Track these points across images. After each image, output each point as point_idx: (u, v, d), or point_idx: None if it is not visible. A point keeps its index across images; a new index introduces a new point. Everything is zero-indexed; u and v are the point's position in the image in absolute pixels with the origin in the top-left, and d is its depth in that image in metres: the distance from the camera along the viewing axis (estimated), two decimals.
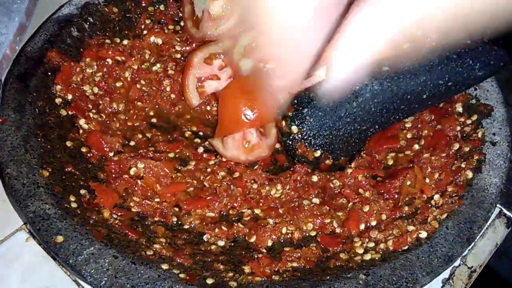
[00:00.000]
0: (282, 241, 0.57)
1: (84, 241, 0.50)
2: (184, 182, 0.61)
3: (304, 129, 0.59)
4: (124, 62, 0.69)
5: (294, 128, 0.59)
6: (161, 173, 0.59)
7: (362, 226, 0.57)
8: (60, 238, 0.50)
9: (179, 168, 0.63)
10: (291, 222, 0.58)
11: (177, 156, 0.64)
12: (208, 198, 0.59)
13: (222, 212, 0.60)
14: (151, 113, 0.69)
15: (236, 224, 0.58)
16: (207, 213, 0.59)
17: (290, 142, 0.61)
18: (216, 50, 0.69)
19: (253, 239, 0.57)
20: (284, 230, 0.57)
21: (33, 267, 0.56)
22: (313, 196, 0.61)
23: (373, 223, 0.57)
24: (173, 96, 0.70)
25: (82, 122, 0.62)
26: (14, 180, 0.53)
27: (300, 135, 0.59)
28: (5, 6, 0.51)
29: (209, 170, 0.62)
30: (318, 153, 0.60)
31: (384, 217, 0.58)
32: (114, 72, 0.68)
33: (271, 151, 0.65)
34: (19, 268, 0.56)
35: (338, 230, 0.58)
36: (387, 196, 0.60)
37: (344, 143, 0.60)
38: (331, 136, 0.59)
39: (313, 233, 0.58)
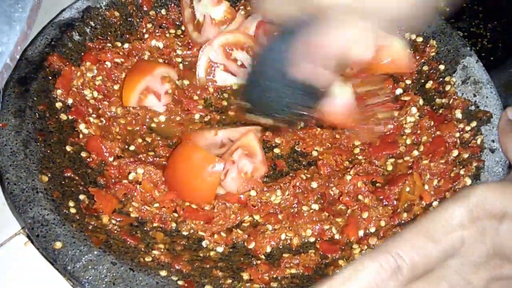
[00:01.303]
0: (281, 247, 0.56)
1: (82, 247, 0.49)
2: None
3: (252, 103, 0.59)
4: (123, 63, 0.68)
5: (245, 104, 0.59)
6: (160, 180, 0.58)
7: (361, 233, 0.56)
8: (58, 244, 0.49)
9: None
10: (290, 228, 0.57)
11: None
12: (206, 209, 0.58)
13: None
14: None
15: (235, 230, 0.57)
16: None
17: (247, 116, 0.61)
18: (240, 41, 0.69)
19: (252, 245, 0.55)
20: (283, 236, 0.56)
21: (31, 271, 0.55)
22: (312, 202, 0.59)
23: (372, 229, 0.56)
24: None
25: (82, 127, 0.61)
26: (14, 185, 0.52)
27: (251, 109, 0.59)
28: (6, 15, 0.50)
29: None
30: (270, 121, 0.59)
31: (383, 223, 0.57)
32: (112, 75, 0.66)
33: (266, 163, 0.63)
34: (17, 272, 0.55)
35: (337, 237, 0.56)
36: (386, 203, 0.58)
37: (284, 106, 0.57)
38: (272, 103, 0.57)
39: (312, 239, 0.57)
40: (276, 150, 0.65)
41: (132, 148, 0.63)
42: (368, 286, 0.41)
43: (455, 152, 0.60)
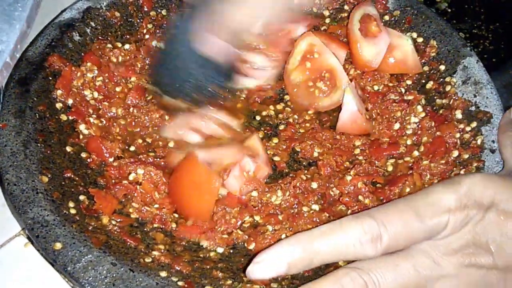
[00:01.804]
0: None
1: (82, 248, 0.49)
2: None
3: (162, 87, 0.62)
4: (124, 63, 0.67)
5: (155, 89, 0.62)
6: (160, 180, 0.58)
7: None
8: (58, 245, 0.48)
9: None
10: (291, 229, 0.56)
11: None
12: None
13: None
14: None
15: (235, 231, 0.56)
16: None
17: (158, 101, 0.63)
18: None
19: (252, 246, 0.55)
20: (283, 237, 0.56)
21: (31, 272, 0.54)
22: (313, 202, 0.59)
23: None
24: None
25: (82, 127, 0.61)
26: (13, 186, 0.52)
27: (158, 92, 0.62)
28: (6, 13, 0.50)
29: None
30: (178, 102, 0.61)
31: None
32: (114, 77, 0.66)
33: (270, 163, 0.63)
34: (18, 274, 0.54)
35: None
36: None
37: (197, 87, 0.59)
38: (181, 87, 0.59)
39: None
40: (276, 158, 0.65)
41: (132, 148, 0.62)
42: (345, 245, 0.42)
43: (455, 153, 0.60)
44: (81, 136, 0.60)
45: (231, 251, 0.55)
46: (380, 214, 0.42)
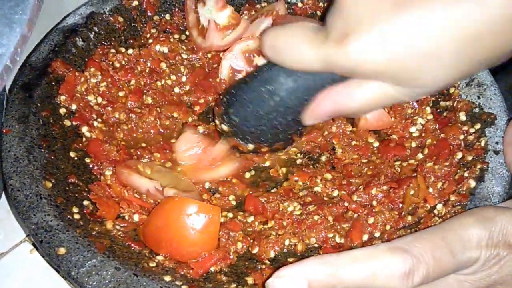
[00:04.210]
0: (285, 251, 0.55)
1: (86, 253, 0.48)
2: None
3: (233, 128, 0.58)
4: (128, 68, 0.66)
5: (225, 127, 0.58)
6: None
7: (365, 237, 0.54)
8: (62, 250, 0.48)
9: None
10: (294, 234, 0.55)
11: None
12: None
13: None
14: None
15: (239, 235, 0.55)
16: None
17: (226, 139, 0.60)
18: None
19: (255, 250, 0.54)
20: (287, 242, 0.55)
21: (36, 278, 0.54)
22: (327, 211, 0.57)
23: (377, 234, 0.55)
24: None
25: (85, 129, 0.60)
26: (17, 192, 0.51)
27: (231, 133, 0.58)
28: (6, 16, 0.49)
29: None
30: (251, 147, 0.59)
31: (388, 227, 0.55)
32: (118, 83, 0.65)
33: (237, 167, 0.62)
34: (23, 280, 0.54)
35: (340, 241, 0.55)
36: (392, 206, 0.57)
37: (273, 134, 0.58)
38: (258, 131, 0.57)
39: (316, 245, 0.55)
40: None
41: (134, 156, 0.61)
42: (374, 277, 0.40)
43: (459, 155, 0.58)
44: (84, 139, 0.60)
45: (236, 257, 0.54)
46: (414, 248, 0.40)
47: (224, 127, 0.58)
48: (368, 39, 0.40)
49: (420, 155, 0.61)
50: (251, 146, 0.59)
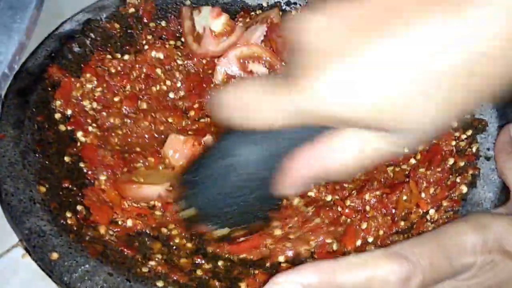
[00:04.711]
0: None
1: (79, 258, 0.48)
2: None
3: (199, 210, 0.49)
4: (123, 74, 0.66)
5: (190, 212, 0.49)
6: None
7: (359, 242, 0.54)
8: (55, 255, 0.47)
9: None
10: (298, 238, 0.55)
11: None
12: None
13: None
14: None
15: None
16: None
17: (189, 225, 0.51)
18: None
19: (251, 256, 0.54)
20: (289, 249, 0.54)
21: (28, 284, 0.53)
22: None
23: (370, 239, 0.55)
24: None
25: (79, 134, 0.60)
26: (11, 197, 0.51)
27: (198, 218, 0.49)
28: (5, 25, 0.49)
29: None
30: (224, 231, 0.50)
31: (381, 232, 0.55)
32: (113, 88, 0.65)
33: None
34: (15, 285, 0.53)
35: (335, 247, 0.55)
36: (385, 212, 0.57)
37: (245, 214, 0.49)
38: (229, 215, 0.48)
39: (313, 250, 0.55)
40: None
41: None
42: (371, 282, 0.39)
43: (451, 161, 0.59)
44: (78, 144, 0.60)
45: (229, 262, 0.54)
46: (411, 254, 0.40)
47: (191, 211, 0.49)
48: (338, 79, 0.33)
49: (412, 161, 0.61)
50: (224, 231, 0.50)
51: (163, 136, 0.64)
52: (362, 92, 0.33)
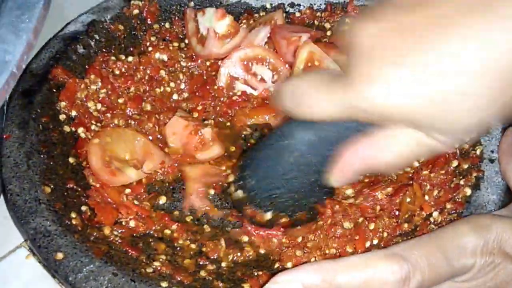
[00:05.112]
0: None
1: (84, 258, 0.48)
2: None
3: (249, 192, 0.52)
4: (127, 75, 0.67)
5: (240, 193, 0.53)
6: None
7: (368, 244, 0.54)
8: (60, 255, 0.47)
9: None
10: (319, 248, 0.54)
11: None
12: None
13: None
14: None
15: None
16: None
17: (239, 207, 0.54)
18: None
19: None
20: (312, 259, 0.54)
21: (32, 284, 0.53)
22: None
23: (375, 241, 0.54)
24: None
25: (80, 130, 0.60)
26: (16, 197, 0.51)
27: (246, 200, 0.53)
28: (13, 24, 0.49)
29: None
30: (269, 215, 0.53)
31: (385, 234, 0.55)
32: (118, 90, 0.65)
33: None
34: (18, 286, 0.53)
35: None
36: (392, 214, 0.57)
37: (293, 199, 0.52)
38: (276, 195, 0.51)
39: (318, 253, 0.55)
40: None
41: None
42: (370, 283, 0.39)
43: (454, 163, 0.58)
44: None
45: (233, 264, 0.54)
46: (410, 255, 0.40)
47: (239, 194, 0.53)
48: (392, 80, 0.35)
49: (416, 163, 0.61)
50: (268, 215, 0.53)
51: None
52: (416, 93, 0.35)
